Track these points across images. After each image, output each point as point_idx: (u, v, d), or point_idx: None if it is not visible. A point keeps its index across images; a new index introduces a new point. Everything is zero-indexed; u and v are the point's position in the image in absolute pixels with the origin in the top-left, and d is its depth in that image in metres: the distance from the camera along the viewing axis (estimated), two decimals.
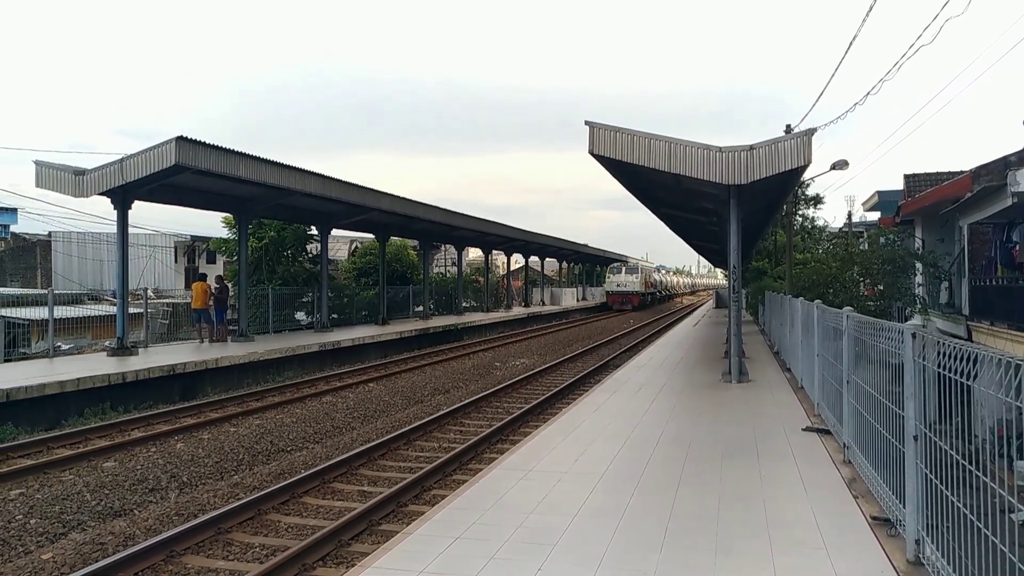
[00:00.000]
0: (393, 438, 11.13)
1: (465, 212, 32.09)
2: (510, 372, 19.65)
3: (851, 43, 13.66)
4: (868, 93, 13.99)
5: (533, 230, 42.56)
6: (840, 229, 43.32)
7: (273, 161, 18.06)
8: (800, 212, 41.83)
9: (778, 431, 9.34)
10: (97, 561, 6.40)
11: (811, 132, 11.79)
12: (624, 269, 59.96)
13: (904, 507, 5.04)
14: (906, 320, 13.13)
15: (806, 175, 25.97)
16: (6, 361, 16.96)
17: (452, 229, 32.30)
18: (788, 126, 24.74)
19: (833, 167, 24.97)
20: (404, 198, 25.72)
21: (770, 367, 16.19)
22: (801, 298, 13.67)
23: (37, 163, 16.97)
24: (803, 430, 9.33)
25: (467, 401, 14.26)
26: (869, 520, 5.78)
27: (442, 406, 14.27)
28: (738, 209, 13.44)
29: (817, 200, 43.34)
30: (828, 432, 8.96)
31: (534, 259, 53.60)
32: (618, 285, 58.16)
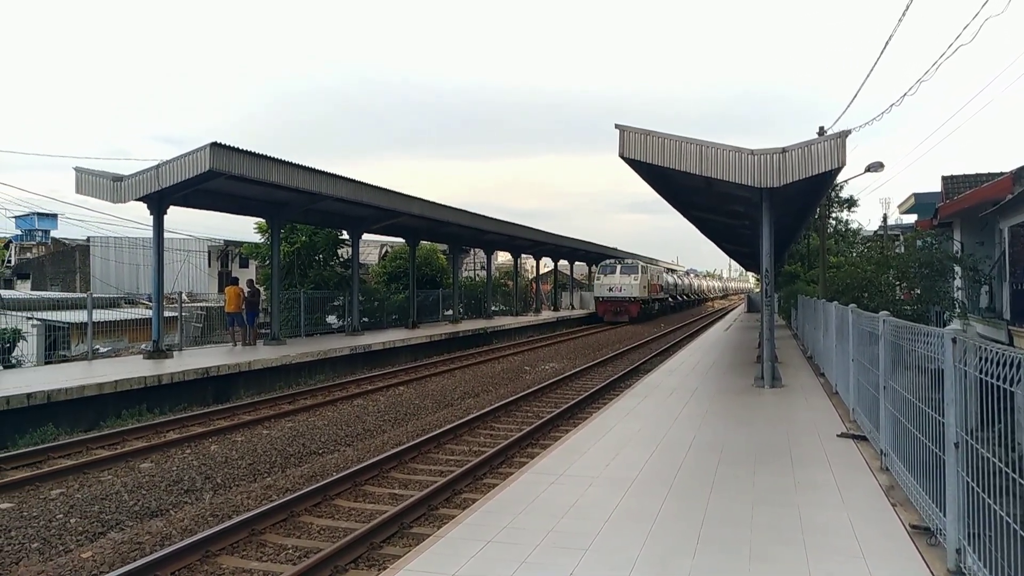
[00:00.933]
0: (424, 441, 11.17)
1: (493, 216, 32.18)
2: (540, 376, 19.63)
3: (887, 43, 13.46)
4: (905, 94, 13.76)
5: (562, 233, 42.53)
6: (875, 232, 42.64)
7: (305, 166, 18.25)
8: (834, 215, 41.23)
9: (812, 437, 9.22)
10: (135, 560, 6.50)
11: (845, 134, 11.63)
12: (619, 268, 45.44)
13: (944, 515, 4.95)
14: (945, 325, 12.90)
15: (840, 177, 25.62)
16: (47, 363, 17.34)
17: (481, 233, 32.38)
18: (821, 128, 24.43)
19: (868, 169, 24.60)
20: (434, 202, 25.85)
21: (803, 372, 15.99)
22: (835, 302, 13.49)
23: (77, 170, 17.34)
24: (838, 436, 9.20)
25: (497, 405, 14.26)
26: (908, 528, 5.68)
27: (472, 410, 14.29)
28: (770, 212, 13.31)
29: (851, 203, 42.66)
30: (864, 438, 8.82)
31: (563, 263, 53.51)
32: (610, 289, 44.69)
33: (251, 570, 6.62)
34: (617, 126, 12.95)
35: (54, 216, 51.40)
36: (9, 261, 47.72)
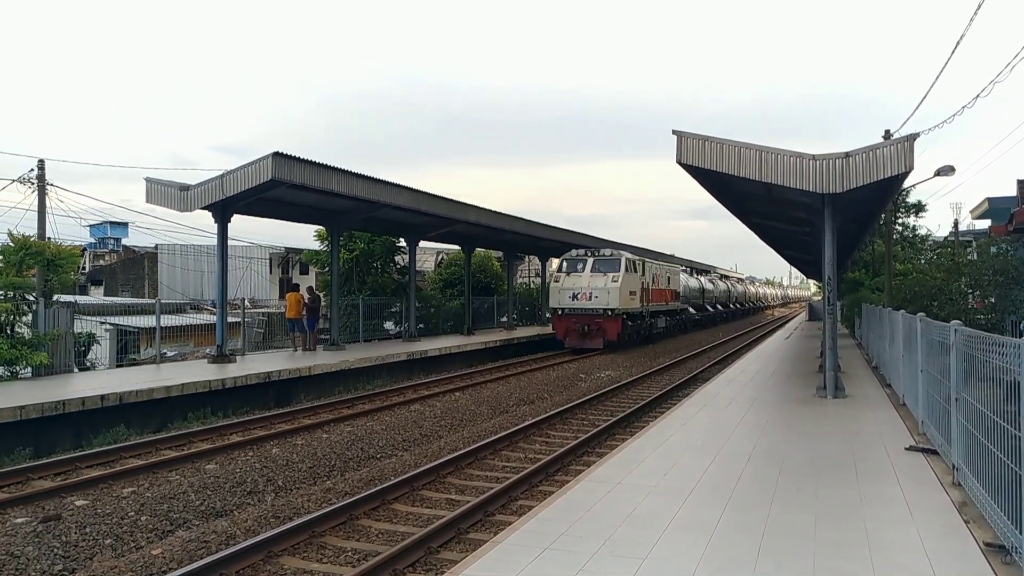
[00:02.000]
0: (480, 447, 11.22)
1: (548, 223, 32.18)
2: (595, 384, 19.52)
3: (958, 43, 13.05)
4: (978, 96, 13.31)
5: (617, 240, 42.22)
6: (945, 238, 41.26)
7: (364, 175, 18.57)
8: (900, 220, 40.04)
9: (878, 449, 8.95)
10: (202, 558, 6.69)
11: (913, 137, 11.30)
12: (590, 263, 28.50)
13: (1021, 533, 4.75)
14: (1021, 335, 12.34)
15: (907, 182, 24.91)
16: (118, 366, 17.99)
17: (536, 240, 32.41)
18: (887, 131, 23.76)
19: (937, 173, 23.82)
20: (489, 210, 26.00)
21: (868, 382, 15.55)
22: (902, 311, 13.10)
23: (148, 180, 17.96)
24: (906, 449, 8.91)
25: (552, 412, 14.23)
26: (982, 546, 5.47)
27: (527, 417, 14.29)
28: (833, 218, 13.01)
29: (919, 208, 41.40)
30: (934, 452, 8.52)
31: None
32: (573, 296, 27.83)
33: (312, 571, 6.74)
34: (675, 132, 12.84)
35: (125, 224, 53.34)
36: (84, 268, 49.69)
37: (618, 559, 5.36)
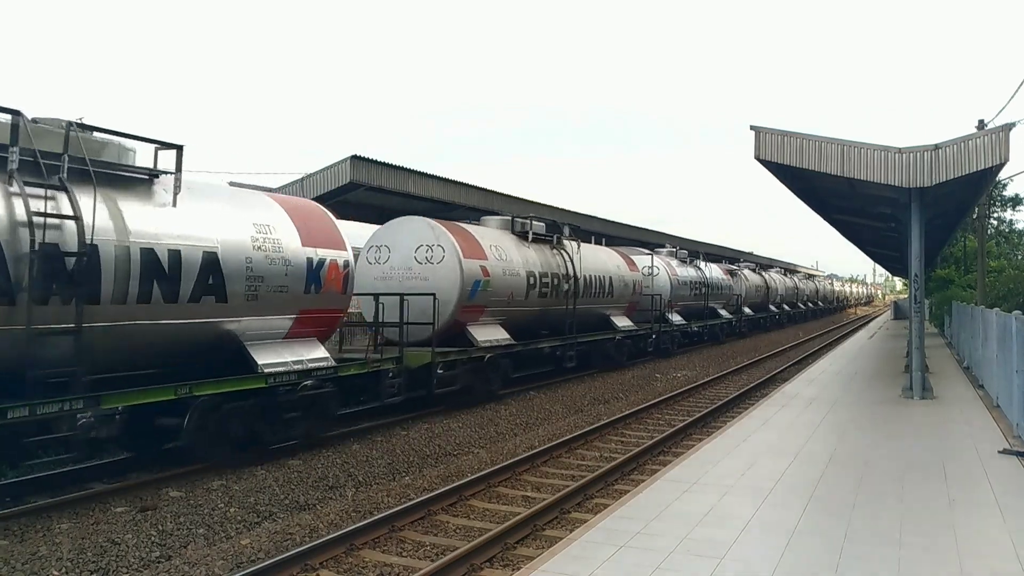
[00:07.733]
0: (555, 446, 11.27)
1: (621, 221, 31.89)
2: (671, 384, 19.31)
3: None
4: None
5: (693, 238, 41.59)
6: None
7: (439, 176, 18.89)
8: (995, 214, 38.18)
9: (969, 452, 8.61)
10: (288, 550, 6.95)
11: (1009, 127, 10.81)
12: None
13: None
14: None
15: (1003, 174, 23.73)
16: None
17: (611, 239, 32.25)
18: (981, 121, 22.70)
19: None
20: (561, 208, 26.00)
21: (958, 383, 14.92)
22: (996, 309, 12.53)
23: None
24: (1000, 453, 8.55)
25: (628, 412, 14.16)
26: None
27: (602, 416, 14.26)
28: (920, 214, 12.55)
29: (1016, 201, 39.40)
30: None
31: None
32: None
33: (391, 564, 6.92)
34: (752, 127, 12.62)
35: None
36: None
37: (695, 557, 5.34)
